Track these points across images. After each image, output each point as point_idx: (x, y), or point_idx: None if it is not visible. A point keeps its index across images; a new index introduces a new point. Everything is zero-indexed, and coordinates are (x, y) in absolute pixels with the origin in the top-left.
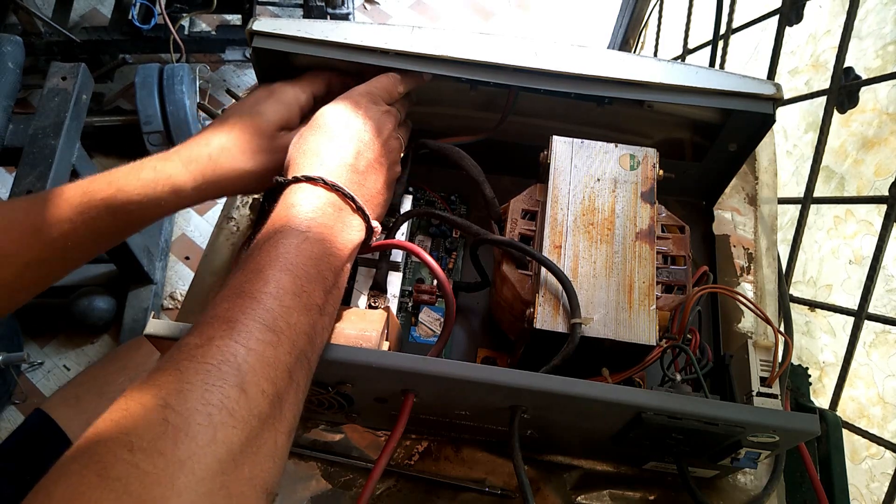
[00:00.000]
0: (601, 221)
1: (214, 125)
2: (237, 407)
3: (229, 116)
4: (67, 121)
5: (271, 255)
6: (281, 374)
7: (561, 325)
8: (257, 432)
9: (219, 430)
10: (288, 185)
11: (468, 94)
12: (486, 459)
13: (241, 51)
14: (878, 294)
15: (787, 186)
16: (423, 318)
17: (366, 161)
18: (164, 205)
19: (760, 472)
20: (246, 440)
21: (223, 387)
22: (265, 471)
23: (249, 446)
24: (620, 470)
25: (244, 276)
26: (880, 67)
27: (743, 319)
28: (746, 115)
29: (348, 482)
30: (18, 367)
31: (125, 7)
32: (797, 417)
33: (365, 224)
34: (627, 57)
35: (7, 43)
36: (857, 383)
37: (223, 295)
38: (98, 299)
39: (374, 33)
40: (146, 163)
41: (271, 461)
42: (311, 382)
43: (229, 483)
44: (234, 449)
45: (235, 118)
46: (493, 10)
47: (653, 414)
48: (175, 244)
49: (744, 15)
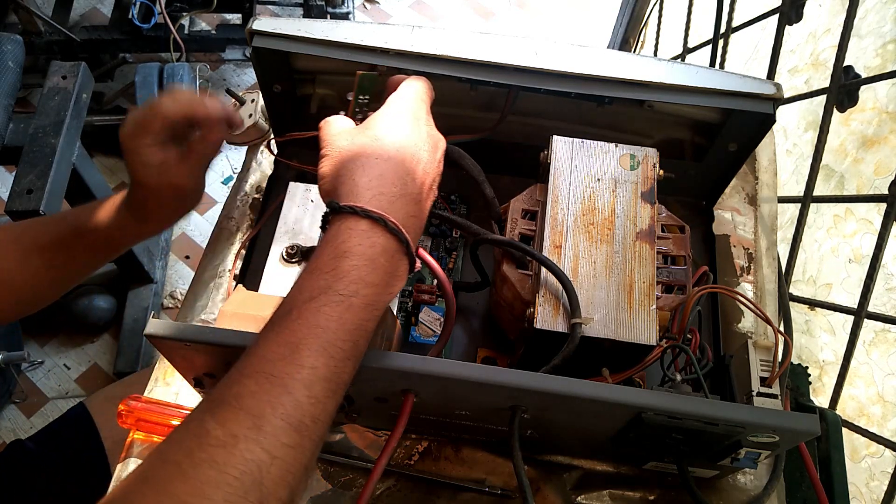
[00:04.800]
0: (601, 221)
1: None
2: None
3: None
4: (67, 120)
5: (310, 326)
6: (300, 476)
7: (561, 325)
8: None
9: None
10: (344, 214)
11: (468, 94)
12: (486, 459)
13: (241, 50)
14: (877, 293)
15: (786, 185)
16: (423, 318)
17: (424, 186)
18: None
19: (760, 472)
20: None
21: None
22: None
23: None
24: (620, 470)
25: (278, 349)
26: (880, 66)
27: (743, 319)
28: (746, 114)
29: (348, 482)
30: (19, 367)
31: (125, 6)
32: (797, 417)
33: (409, 268)
34: (627, 57)
35: (7, 42)
36: (857, 382)
37: (253, 366)
38: (98, 298)
39: (374, 33)
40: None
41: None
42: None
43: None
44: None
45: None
46: (493, 10)
47: (653, 414)
48: (175, 243)
49: (744, 14)
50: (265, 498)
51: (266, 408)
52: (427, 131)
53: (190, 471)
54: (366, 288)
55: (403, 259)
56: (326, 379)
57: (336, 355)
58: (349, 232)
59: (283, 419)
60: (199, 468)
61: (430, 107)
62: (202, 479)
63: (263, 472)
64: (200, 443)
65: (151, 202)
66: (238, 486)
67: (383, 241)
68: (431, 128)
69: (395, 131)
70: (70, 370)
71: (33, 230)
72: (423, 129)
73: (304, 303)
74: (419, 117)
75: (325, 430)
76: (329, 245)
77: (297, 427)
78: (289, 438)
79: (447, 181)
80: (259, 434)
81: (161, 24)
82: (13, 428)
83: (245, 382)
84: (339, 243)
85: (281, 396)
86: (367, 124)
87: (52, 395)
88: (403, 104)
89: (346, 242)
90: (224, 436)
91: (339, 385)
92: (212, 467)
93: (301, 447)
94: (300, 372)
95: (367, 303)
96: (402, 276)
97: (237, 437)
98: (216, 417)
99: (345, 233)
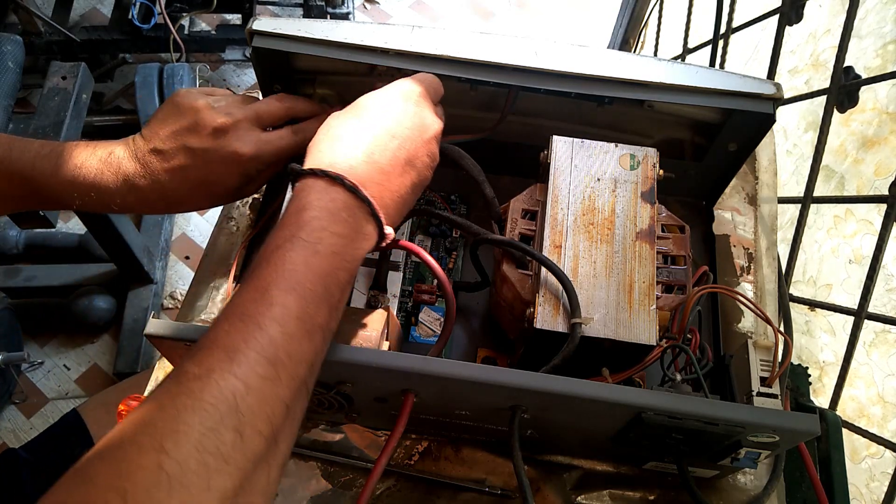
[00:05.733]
0: (601, 221)
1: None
2: (233, 451)
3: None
4: (67, 120)
5: (278, 270)
6: (278, 409)
7: (561, 325)
8: (251, 473)
9: (213, 477)
10: (303, 176)
11: (468, 94)
12: (486, 459)
13: (241, 50)
14: (877, 293)
15: (786, 186)
16: (423, 318)
17: (397, 160)
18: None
19: (760, 472)
20: (239, 484)
21: (219, 430)
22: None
23: (243, 489)
24: (620, 470)
25: (249, 294)
26: (880, 66)
27: (743, 319)
28: (746, 114)
29: (348, 482)
30: (18, 367)
31: (125, 6)
32: (797, 417)
33: (377, 231)
34: (627, 56)
35: (7, 42)
36: (857, 383)
37: (226, 313)
38: (98, 299)
39: (374, 33)
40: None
41: (262, 497)
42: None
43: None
44: (228, 495)
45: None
46: (493, 10)
47: (653, 414)
48: (175, 244)
49: (744, 14)
50: (243, 425)
51: (240, 343)
52: (414, 111)
53: (167, 402)
54: (330, 237)
55: (368, 219)
56: (299, 318)
57: (306, 296)
58: (308, 189)
59: (256, 352)
60: (175, 399)
61: (432, 98)
62: (178, 407)
63: (239, 399)
64: (178, 381)
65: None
66: (214, 412)
67: (343, 197)
68: (423, 110)
69: (375, 105)
70: (70, 371)
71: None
72: (409, 108)
73: (271, 252)
74: (409, 98)
75: (305, 372)
76: (291, 204)
77: (271, 360)
78: (263, 370)
79: (447, 181)
80: (233, 364)
81: (161, 24)
82: (13, 429)
83: (220, 326)
84: (300, 200)
85: (254, 332)
86: (354, 102)
87: (52, 396)
88: (396, 86)
89: (306, 198)
90: (199, 371)
91: (313, 327)
92: (188, 397)
93: (277, 380)
94: (271, 310)
95: (333, 251)
96: (368, 236)
97: (212, 369)
98: (193, 359)
99: (304, 191)
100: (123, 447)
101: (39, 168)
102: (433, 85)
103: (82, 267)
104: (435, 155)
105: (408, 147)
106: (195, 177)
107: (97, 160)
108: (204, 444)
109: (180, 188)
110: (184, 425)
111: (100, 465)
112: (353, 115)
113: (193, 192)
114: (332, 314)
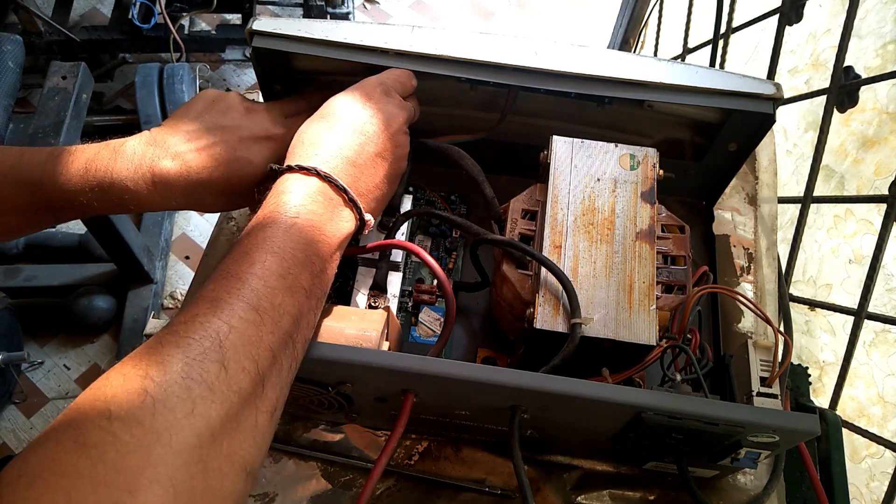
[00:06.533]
0: (601, 221)
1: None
2: (217, 382)
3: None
4: (67, 120)
5: (258, 238)
6: (263, 353)
7: (561, 325)
8: (237, 409)
9: (198, 403)
10: (282, 173)
11: (468, 94)
12: (486, 459)
13: (241, 50)
14: (877, 293)
15: (786, 186)
16: (423, 318)
17: (366, 154)
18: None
19: (760, 472)
20: (225, 416)
21: (203, 361)
22: (244, 448)
23: (229, 422)
24: (620, 470)
25: (231, 259)
26: (880, 66)
27: (743, 319)
28: (746, 114)
29: (348, 482)
30: (18, 367)
31: (125, 6)
32: (797, 417)
33: (356, 216)
34: (627, 57)
35: (7, 42)
36: (857, 382)
37: (211, 278)
38: (98, 299)
39: (374, 33)
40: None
41: (251, 439)
42: (297, 368)
43: (206, 457)
44: (213, 423)
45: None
46: (493, 10)
47: (653, 414)
48: (175, 244)
49: (744, 14)
50: (227, 360)
51: (223, 294)
52: (377, 106)
53: (153, 343)
54: (308, 213)
55: (345, 206)
56: (280, 275)
57: (287, 257)
58: (286, 180)
59: (239, 299)
60: (161, 339)
61: (399, 91)
62: (164, 343)
63: (222, 337)
64: (166, 327)
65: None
66: (197, 347)
67: (318, 184)
68: (386, 105)
69: (340, 106)
70: (70, 370)
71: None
72: (371, 104)
73: (252, 227)
74: (371, 94)
75: (289, 324)
76: (271, 194)
77: (254, 307)
78: (246, 314)
79: (447, 181)
80: (216, 309)
81: (161, 24)
82: (13, 429)
83: (205, 286)
84: (279, 191)
85: (236, 284)
86: (322, 105)
87: (52, 396)
88: (359, 84)
89: (284, 185)
90: (185, 318)
91: (296, 285)
92: (173, 335)
93: (261, 324)
94: (252, 267)
95: (312, 224)
96: (346, 220)
97: (196, 315)
98: (180, 312)
99: (282, 182)
100: (109, 377)
101: (49, 170)
102: (400, 78)
103: (82, 267)
104: (404, 144)
105: (375, 141)
106: (223, 154)
107: (110, 150)
108: (188, 372)
109: (206, 168)
110: (168, 356)
111: (87, 393)
112: (321, 117)
113: (218, 174)
114: (314, 281)
